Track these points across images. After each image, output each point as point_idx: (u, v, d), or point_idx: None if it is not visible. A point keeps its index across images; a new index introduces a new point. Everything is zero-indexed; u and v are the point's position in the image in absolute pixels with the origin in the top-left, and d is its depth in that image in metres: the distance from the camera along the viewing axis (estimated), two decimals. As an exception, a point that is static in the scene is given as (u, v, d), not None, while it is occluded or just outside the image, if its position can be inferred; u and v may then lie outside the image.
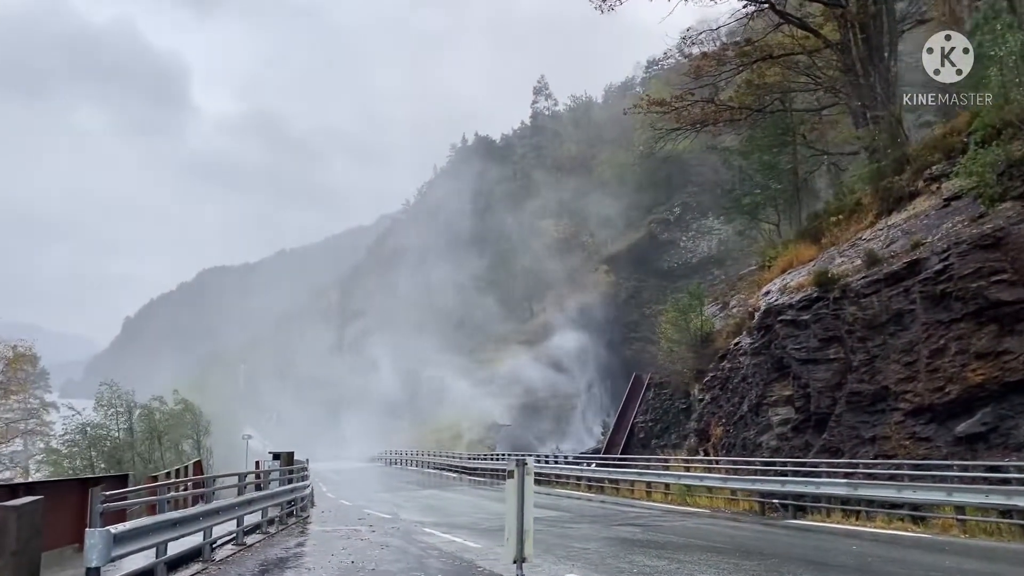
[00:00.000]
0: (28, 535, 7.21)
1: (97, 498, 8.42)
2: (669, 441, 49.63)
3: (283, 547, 14.72)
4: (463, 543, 14.69)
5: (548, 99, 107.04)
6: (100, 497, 8.44)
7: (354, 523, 18.98)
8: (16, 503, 7.10)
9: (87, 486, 12.82)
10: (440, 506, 23.75)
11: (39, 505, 7.52)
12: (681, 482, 22.22)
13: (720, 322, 37.99)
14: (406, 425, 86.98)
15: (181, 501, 16.19)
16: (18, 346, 30.26)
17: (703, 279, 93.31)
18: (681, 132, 31.00)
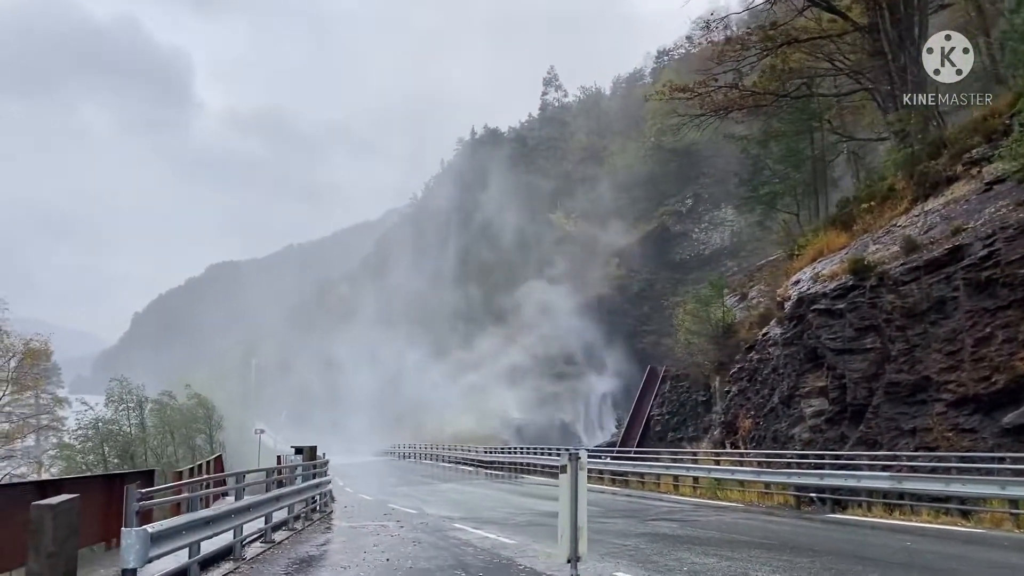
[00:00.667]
0: (65, 535, 6.77)
1: (132, 495, 7.97)
2: (686, 434, 49.16)
3: (312, 544, 14.30)
4: (497, 539, 14.24)
5: (558, 90, 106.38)
6: (136, 495, 8.00)
7: (380, 518, 18.56)
8: (52, 502, 6.65)
9: (112, 483, 12.42)
10: (464, 500, 23.31)
11: (75, 504, 7.08)
12: (711, 475, 21.72)
13: (741, 313, 37.49)
14: (416, 419, 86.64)
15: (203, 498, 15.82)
16: (33, 340, 29.93)
17: (716, 271, 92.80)
18: (705, 118, 30.41)
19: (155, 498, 8.54)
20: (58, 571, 6.68)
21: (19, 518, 9.08)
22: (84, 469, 58.01)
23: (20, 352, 29.22)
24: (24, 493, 9.28)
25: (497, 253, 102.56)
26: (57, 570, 6.65)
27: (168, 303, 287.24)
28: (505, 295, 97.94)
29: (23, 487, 9.24)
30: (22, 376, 29.64)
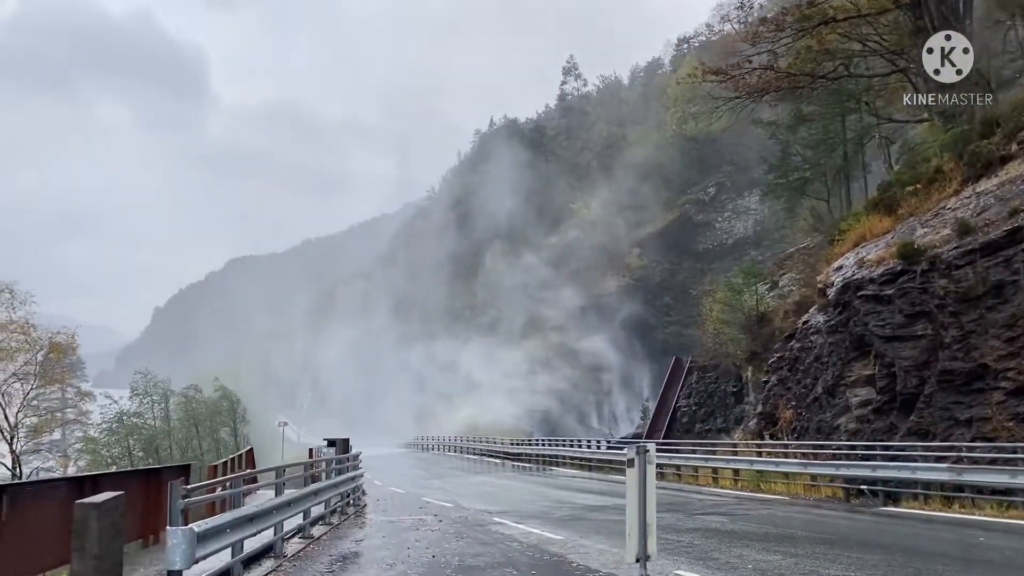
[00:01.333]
0: (110, 536, 6.30)
1: (177, 492, 7.50)
2: (715, 425, 48.44)
3: (351, 539, 13.85)
4: (541, 534, 13.70)
5: (578, 79, 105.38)
6: (180, 491, 7.52)
7: (416, 512, 18.11)
8: (97, 500, 6.18)
9: (149, 478, 12.01)
10: (499, 494, 22.82)
11: (120, 502, 6.62)
12: (754, 467, 21.09)
13: (773, 302, 36.73)
14: (439, 411, 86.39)
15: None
16: (59, 334, 29.78)
17: (740, 261, 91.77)
18: (739, 101, 29.63)
19: (199, 495, 8.04)
20: (103, 573, 6.21)
21: (57, 516, 8.65)
22: (109, 463, 58.17)
23: (46, 346, 29.05)
24: (61, 490, 8.86)
25: (518, 243, 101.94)
26: (103, 572, 6.18)
27: (188, 297, 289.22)
28: (526, 286, 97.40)
29: (60, 484, 8.80)
30: (48, 370, 29.47)
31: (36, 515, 8.26)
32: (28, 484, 7.84)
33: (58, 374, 30.06)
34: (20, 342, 28.25)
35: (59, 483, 8.87)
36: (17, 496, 7.82)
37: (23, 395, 28.42)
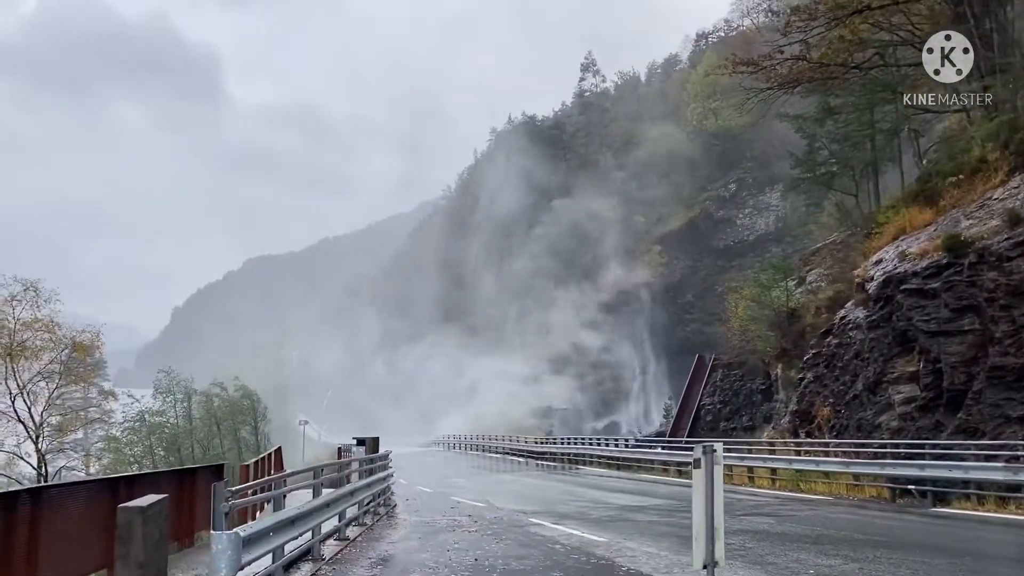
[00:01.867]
0: (155, 541, 5.91)
1: (221, 495, 7.11)
2: (740, 423, 47.83)
3: (388, 541, 13.46)
4: (583, 536, 13.25)
5: (596, 75, 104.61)
6: (225, 493, 7.13)
7: (448, 513, 17.72)
8: (141, 504, 5.79)
9: (183, 478, 11.66)
10: (530, 493, 22.39)
11: (164, 506, 6.23)
12: (793, 467, 20.53)
13: (801, 298, 36.04)
14: (458, 409, 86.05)
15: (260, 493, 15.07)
16: (85, 332, 29.64)
17: (760, 257, 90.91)
18: (771, 92, 29.00)
19: (242, 497, 7.65)
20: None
21: (92, 518, 8.29)
22: (131, 462, 58.23)
23: (71, 345, 28.93)
24: (96, 491, 8.50)
25: (536, 242, 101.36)
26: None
27: (207, 297, 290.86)
28: (546, 284, 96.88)
29: (96, 485, 8.43)
30: (73, 369, 29.36)
31: (71, 518, 7.90)
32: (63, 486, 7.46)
33: (82, 373, 29.92)
34: (45, 340, 28.18)
35: (93, 485, 8.49)
36: (52, 498, 7.44)
37: (48, 394, 28.30)
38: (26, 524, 6.88)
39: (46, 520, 7.16)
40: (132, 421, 57.39)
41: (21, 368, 27.41)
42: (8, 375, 26.93)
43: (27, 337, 27.68)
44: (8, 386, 27.00)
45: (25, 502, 6.92)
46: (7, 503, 6.57)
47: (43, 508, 7.14)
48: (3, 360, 26.83)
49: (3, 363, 26.88)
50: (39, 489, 7.05)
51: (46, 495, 7.25)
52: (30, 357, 27.83)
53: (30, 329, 27.67)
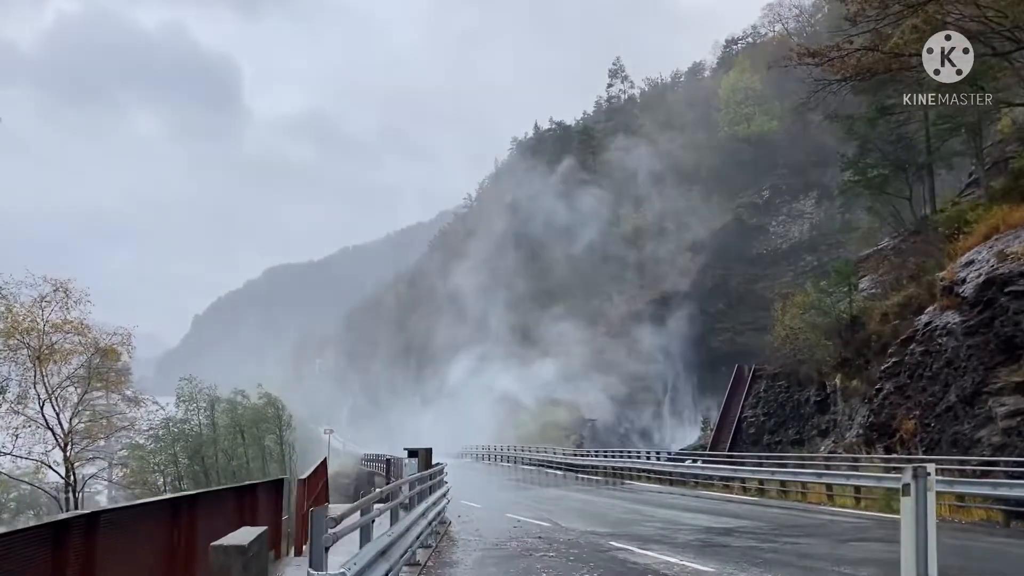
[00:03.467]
0: (255, 590, 4.42)
1: (321, 524, 5.61)
2: (786, 437, 45.78)
3: (464, 568, 11.93)
4: (685, 565, 11.64)
5: (624, 81, 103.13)
6: (328, 522, 5.64)
7: (513, 533, 16.17)
8: (240, 542, 4.31)
9: (243, 496, 10.19)
10: (591, 511, 20.75)
11: (263, 541, 4.75)
12: (883, 484, 18.78)
13: (861, 304, 34.19)
14: (487, 421, 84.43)
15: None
16: (116, 334, 28.42)
17: (794, 266, 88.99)
18: (841, 84, 27.38)
19: (343, 524, 6.13)
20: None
21: (155, 544, 6.86)
22: (155, 470, 57.20)
23: (102, 349, 27.70)
24: (153, 512, 7.03)
25: (562, 250, 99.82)
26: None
27: (228, 305, 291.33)
28: (573, 294, 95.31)
29: (155, 506, 6.96)
30: (104, 374, 28.14)
31: (129, 545, 6.40)
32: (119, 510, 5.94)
33: (112, 379, 28.69)
34: (74, 344, 27.00)
35: (153, 507, 7.00)
36: (108, 525, 5.96)
37: (77, 399, 27.09)
38: (79, 557, 5.42)
39: (102, 550, 5.68)
40: (156, 429, 56.36)
41: (49, 372, 26.22)
42: (37, 379, 25.76)
43: (56, 340, 26.51)
44: (37, 391, 25.83)
45: (79, 529, 5.44)
46: (58, 533, 5.09)
47: (98, 537, 5.67)
48: (32, 363, 25.66)
49: (32, 366, 25.71)
50: (93, 516, 5.57)
51: (102, 521, 5.76)
52: (59, 361, 26.63)
53: (60, 331, 26.49)
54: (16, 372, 25.71)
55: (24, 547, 4.69)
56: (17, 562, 4.40)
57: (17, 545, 4.58)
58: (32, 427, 25.61)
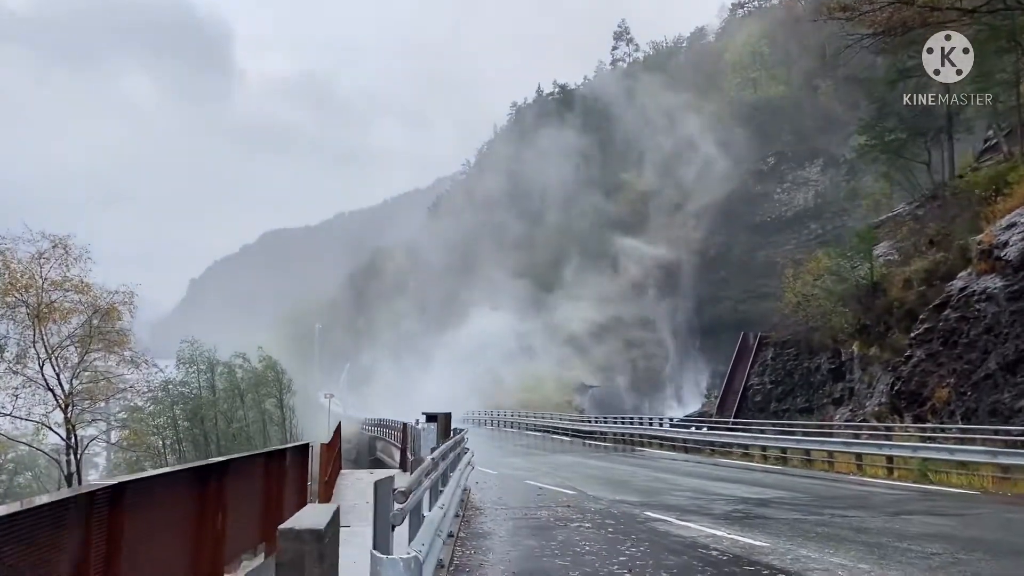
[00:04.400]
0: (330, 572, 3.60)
1: (388, 497, 4.79)
2: (794, 405, 45.28)
3: (499, 539, 11.17)
4: (735, 539, 10.88)
5: (630, 44, 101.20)
6: (395, 495, 4.82)
7: (539, 501, 15.49)
8: (313, 523, 3.46)
9: (271, 462, 9.33)
10: (614, 478, 20.07)
11: (338, 522, 3.90)
12: (918, 455, 18.12)
13: (881, 270, 33.36)
14: (483, 385, 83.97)
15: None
16: (119, 292, 27.46)
17: (798, 234, 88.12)
18: (875, 39, 26.36)
19: (410, 498, 5.30)
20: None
21: (184, 518, 6.06)
22: (154, 432, 56.68)
23: (104, 308, 26.77)
24: (180, 481, 6.18)
25: (564, 217, 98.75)
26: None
27: (224, 269, 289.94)
28: (573, 258, 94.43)
29: (183, 474, 6.11)
30: (106, 334, 27.25)
31: (157, 518, 5.59)
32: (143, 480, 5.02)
33: (113, 339, 27.81)
34: (74, 302, 26.07)
35: (181, 475, 6.14)
36: (139, 492, 5.13)
37: (78, 360, 26.24)
38: (103, 530, 4.63)
39: (128, 523, 4.87)
40: (155, 391, 55.76)
41: (49, 332, 25.32)
42: (36, 338, 24.86)
43: (56, 298, 25.55)
44: (36, 350, 24.94)
45: (102, 503, 4.61)
46: (84, 505, 4.29)
47: (124, 510, 4.85)
48: (31, 322, 24.73)
49: (31, 325, 24.78)
50: (119, 486, 4.73)
51: (129, 491, 4.93)
52: (59, 320, 25.71)
53: (59, 289, 25.54)
54: (15, 331, 24.90)
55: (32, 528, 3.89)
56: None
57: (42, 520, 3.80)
58: (32, 388, 24.83)
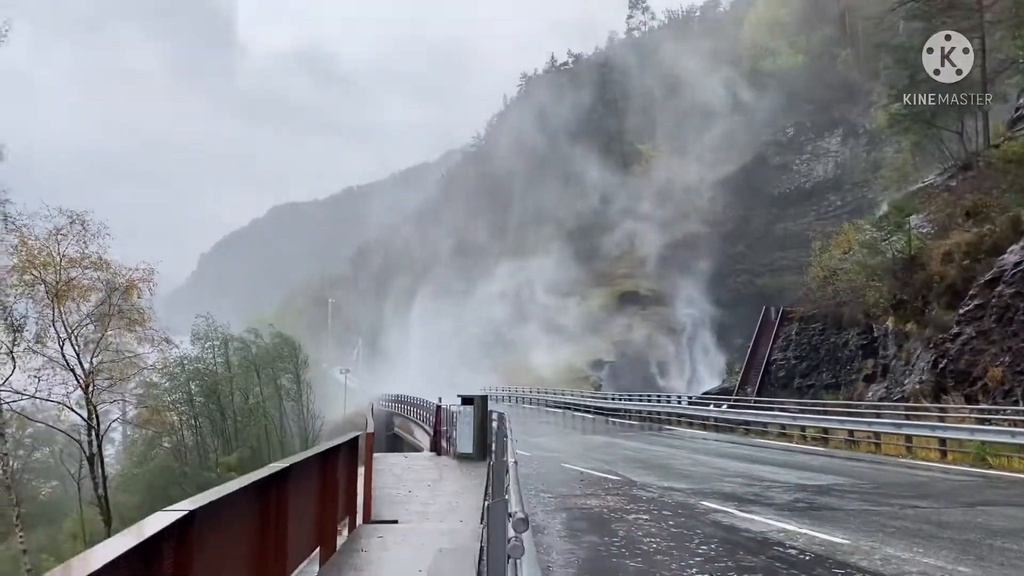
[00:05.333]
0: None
1: (504, 526, 4.10)
2: (820, 381, 44.59)
3: (558, 533, 10.51)
4: (810, 534, 10.17)
5: (645, 12, 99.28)
6: (516, 524, 4.11)
7: (582, 488, 14.85)
8: None
9: (325, 463, 8.58)
10: (653, 462, 19.35)
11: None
12: (975, 438, 17.36)
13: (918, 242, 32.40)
14: (497, 360, 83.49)
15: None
16: (138, 269, 26.81)
17: (817, 206, 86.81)
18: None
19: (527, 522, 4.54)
20: None
21: (244, 533, 5.41)
22: (170, 408, 56.41)
23: (123, 285, 26.15)
24: (245, 496, 5.44)
25: (577, 188, 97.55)
26: None
27: (233, 244, 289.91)
28: (588, 232, 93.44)
29: (251, 488, 5.38)
30: (127, 312, 26.65)
31: (223, 537, 4.90)
32: (210, 507, 4.19)
33: (134, 317, 27.20)
34: (93, 279, 25.45)
35: (254, 488, 5.44)
36: (206, 515, 4.39)
37: (97, 339, 25.66)
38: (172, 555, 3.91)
39: (194, 543, 4.15)
40: (171, 367, 55.53)
41: (67, 310, 24.74)
42: (56, 317, 24.27)
43: (74, 275, 24.92)
44: (56, 329, 24.38)
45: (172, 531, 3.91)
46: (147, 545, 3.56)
47: (192, 535, 4.13)
48: (50, 300, 24.13)
49: (50, 303, 24.19)
50: (188, 515, 4.00)
51: (199, 515, 4.20)
52: (78, 298, 25.11)
53: (78, 266, 24.91)
54: (34, 310, 24.35)
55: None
56: None
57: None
58: (52, 367, 24.30)
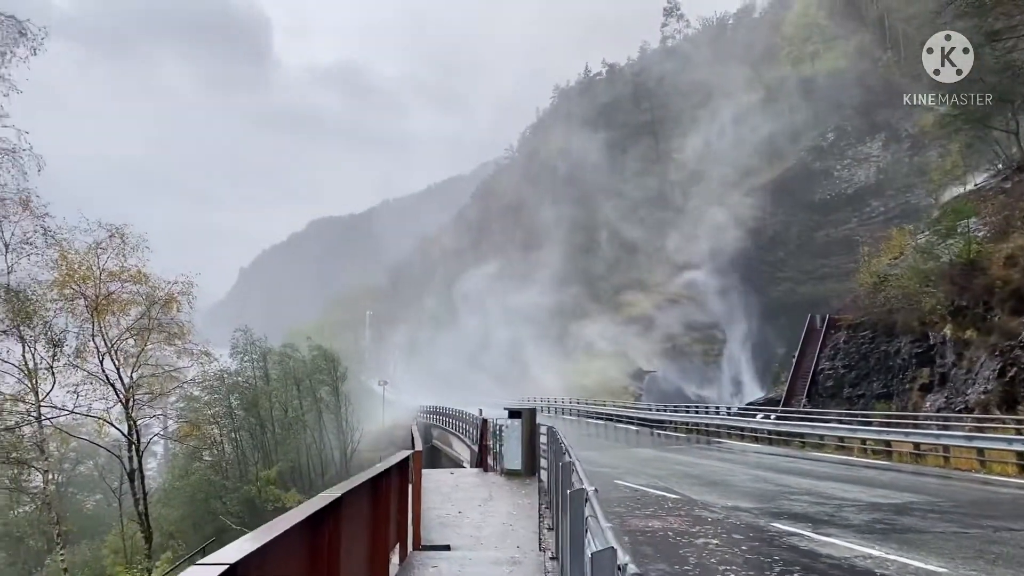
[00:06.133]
0: None
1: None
2: (871, 391, 43.15)
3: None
4: (904, 562, 9.30)
5: (680, 20, 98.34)
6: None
7: (640, 506, 14.03)
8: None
9: (377, 487, 7.92)
10: (709, 478, 18.46)
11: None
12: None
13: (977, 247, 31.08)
14: (536, 372, 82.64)
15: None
16: (178, 282, 26.61)
17: (859, 212, 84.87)
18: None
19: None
20: None
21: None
22: (211, 421, 56.56)
23: (163, 299, 25.97)
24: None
25: (616, 200, 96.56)
26: None
27: (273, 257, 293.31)
28: (622, 244, 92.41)
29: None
30: (167, 326, 26.47)
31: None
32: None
33: (174, 331, 27.01)
34: (132, 293, 25.28)
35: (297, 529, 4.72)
36: (247, 569, 3.67)
37: (139, 351, 25.47)
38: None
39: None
40: (211, 380, 55.74)
41: (107, 324, 24.57)
42: (95, 332, 24.10)
43: (114, 289, 24.77)
44: (96, 344, 24.20)
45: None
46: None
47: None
48: (90, 314, 23.97)
49: (90, 318, 24.02)
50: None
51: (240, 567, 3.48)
52: (117, 312, 24.94)
53: (117, 280, 24.75)
54: (73, 324, 24.21)
55: None
56: None
57: None
58: (92, 383, 24.14)
